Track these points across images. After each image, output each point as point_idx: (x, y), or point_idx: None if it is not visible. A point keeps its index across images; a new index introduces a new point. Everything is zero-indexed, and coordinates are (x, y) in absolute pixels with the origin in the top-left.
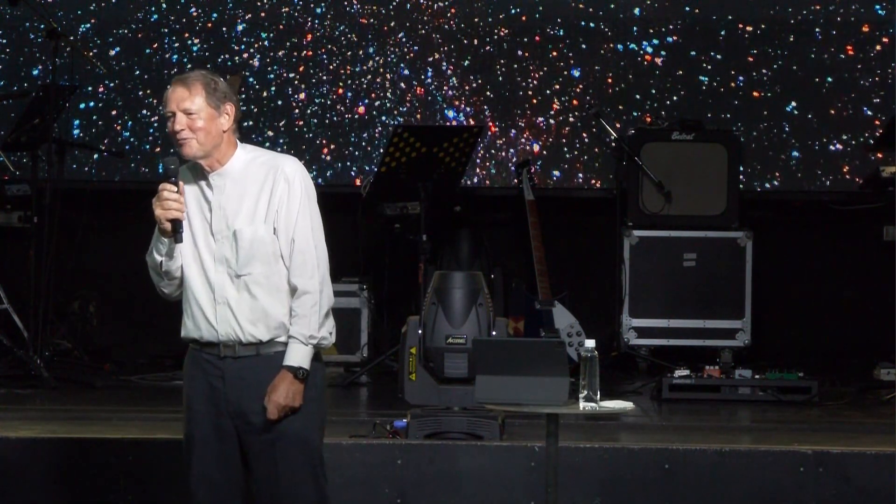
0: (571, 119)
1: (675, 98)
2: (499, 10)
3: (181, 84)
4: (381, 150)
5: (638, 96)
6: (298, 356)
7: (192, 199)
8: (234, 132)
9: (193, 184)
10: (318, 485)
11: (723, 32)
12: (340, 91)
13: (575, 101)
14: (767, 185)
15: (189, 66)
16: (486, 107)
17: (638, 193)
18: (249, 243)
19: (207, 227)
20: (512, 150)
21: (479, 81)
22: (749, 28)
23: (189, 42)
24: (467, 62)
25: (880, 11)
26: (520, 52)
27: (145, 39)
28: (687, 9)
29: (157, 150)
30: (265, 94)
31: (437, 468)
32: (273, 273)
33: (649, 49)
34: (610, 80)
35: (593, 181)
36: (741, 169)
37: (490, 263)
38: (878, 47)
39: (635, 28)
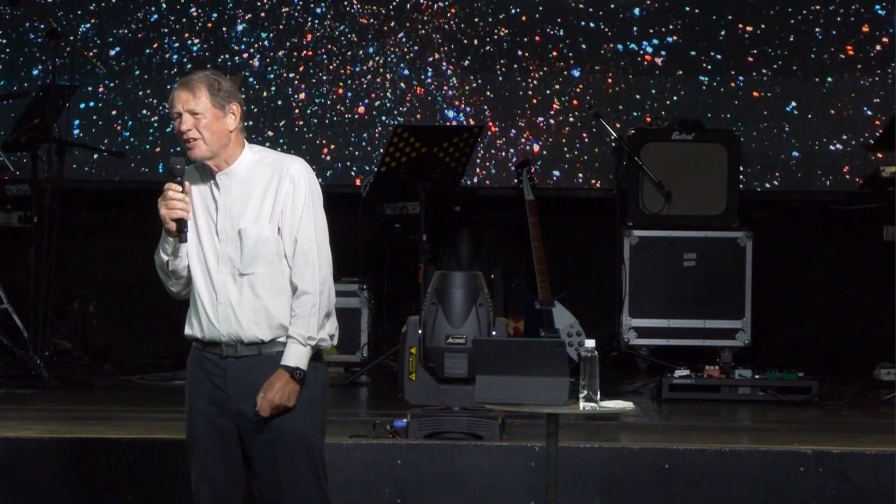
0: (571, 119)
1: (675, 98)
2: (499, 10)
3: (185, 87)
4: (381, 150)
5: (638, 96)
6: (296, 356)
7: (199, 199)
8: (241, 132)
9: (200, 183)
10: (320, 484)
11: (723, 32)
12: (340, 91)
13: (575, 101)
14: (767, 185)
15: (189, 66)
16: (486, 107)
17: (638, 193)
18: (254, 242)
19: (213, 227)
20: (512, 150)
21: (479, 81)
22: (749, 28)
23: (189, 42)
24: (467, 62)
25: (880, 11)
26: (520, 52)
27: (145, 39)
28: (687, 9)
29: (158, 150)
30: (265, 94)
31: (437, 468)
32: (276, 273)
33: (649, 49)
34: (610, 80)
35: (593, 181)
36: (741, 169)
37: (490, 263)
38: (878, 47)
39: (635, 28)
